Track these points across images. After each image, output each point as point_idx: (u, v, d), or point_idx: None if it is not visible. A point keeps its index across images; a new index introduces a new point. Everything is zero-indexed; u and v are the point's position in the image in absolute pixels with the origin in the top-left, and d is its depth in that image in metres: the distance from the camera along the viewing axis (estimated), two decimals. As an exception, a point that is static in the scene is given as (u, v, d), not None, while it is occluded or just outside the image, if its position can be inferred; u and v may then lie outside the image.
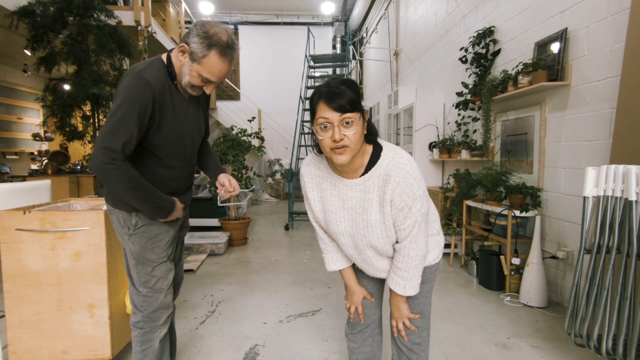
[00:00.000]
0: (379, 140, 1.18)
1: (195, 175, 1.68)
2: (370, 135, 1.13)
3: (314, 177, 1.24)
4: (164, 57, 1.38)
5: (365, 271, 1.34)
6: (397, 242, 1.21)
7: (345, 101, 1.02)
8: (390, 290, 1.29)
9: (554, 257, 2.67)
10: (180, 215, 1.48)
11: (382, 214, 1.14)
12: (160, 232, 1.46)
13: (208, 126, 1.71)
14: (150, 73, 1.30)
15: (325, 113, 1.04)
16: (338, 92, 1.03)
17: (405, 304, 1.30)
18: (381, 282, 1.45)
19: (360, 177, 1.15)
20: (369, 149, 1.16)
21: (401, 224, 1.14)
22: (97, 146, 1.22)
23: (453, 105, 4.15)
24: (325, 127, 1.05)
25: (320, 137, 1.07)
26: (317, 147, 1.17)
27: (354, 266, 1.41)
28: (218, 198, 1.59)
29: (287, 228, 5.49)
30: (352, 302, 1.40)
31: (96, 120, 4.23)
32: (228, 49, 1.28)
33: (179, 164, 1.48)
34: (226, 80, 9.50)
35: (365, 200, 1.15)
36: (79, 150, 7.39)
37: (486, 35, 3.50)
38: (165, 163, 1.43)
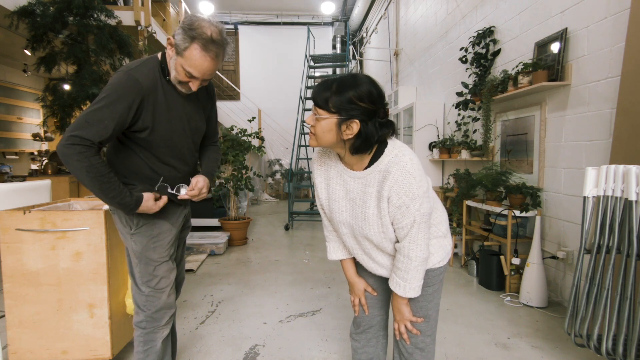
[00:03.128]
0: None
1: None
2: (352, 148, 1.12)
3: (322, 165, 1.29)
4: (160, 54, 1.37)
5: (366, 265, 1.34)
6: (397, 241, 1.21)
7: (319, 97, 1.09)
8: (393, 292, 1.29)
9: (554, 257, 2.67)
10: (154, 209, 1.38)
11: (378, 209, 1.16)
12: (162, 231, 1.45)
13: (214, 126, 1.64)
14: (142, 71, 1.28)
15: None
16: (324, 86, 1.10)
17: (407, 307, 1.29)
18: (387, 281, 1.45)
19: (363, 170, 1.18)
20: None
21: (399, 222, 1.14)
22: (67, 131, 1.21)
23: (453, 105, 4.15)
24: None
25: None
26: None
27: (357, 264, 1.41)
28: (174, 190, 1.46)
29: (287, 228, 5.49)
30: (354, 293, 1.41)
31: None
32: (212, 44, 1.23)
33: (177, 162, 1.45)
34: (226, 80, 9.50)
35: (365, 193, 1.17)
36: (79, 150, 7.38)
37: (486, 35, 3.50)
38: (164, 161, 1.41)
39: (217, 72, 9.46)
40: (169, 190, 1.44)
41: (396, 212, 1.13)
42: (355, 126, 1.07)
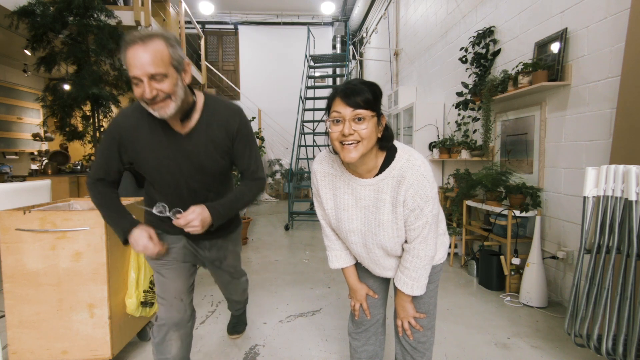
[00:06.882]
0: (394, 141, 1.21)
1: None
2: (384, 142, 1.15)
3: (327, 175, 1.26)
4: None
5: (372, 270, 1.35)
6: (406, 242, 1.22)
7: (360, 98, 1.06)
8: (397, 289, 1.30)
9: (554, 257, 2.66)
10: (138, 249, 1.36)
11: (394, 214, 1.16)
12: (167, 241, 1.50)
13: (247, 162, 1.46)
14: (126, 112, 1.37)
15: (339, 107, 1.07)
16: (355, 89, 1.07)
17: (411, 304, 1.31)
18: (386, 281, 1.46)
19: (374, 177, 1.17)
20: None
21: (412, 224, 1.16)
22: None
23: (453, 105, 4.15)
24: (338, 121, 1.08)
25: (330, 131, 1.10)
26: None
27: (356, 264, 1.42)
28: (168, 213, 1.36)
29: (287, 228, 5.49)
30: (355, 299, 1.42)
31: (96, 120, 4.23)
32: (134, 37, 1.15)
33: (176, 200, 1.41)
34: (226, 80, 9.50)
35: (379, 200, 1.17)
36: (79, 150, 7.38)
37: (486, 35, 3.50)
38: (163, 193, 1.46)
39: (217, 72, 9.51)
40: (167, 212, 1.35)
41: (410, 215, 1.15)
42: (383, 120, 1.13)
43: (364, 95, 1.06)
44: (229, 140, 1.40)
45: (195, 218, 1.28)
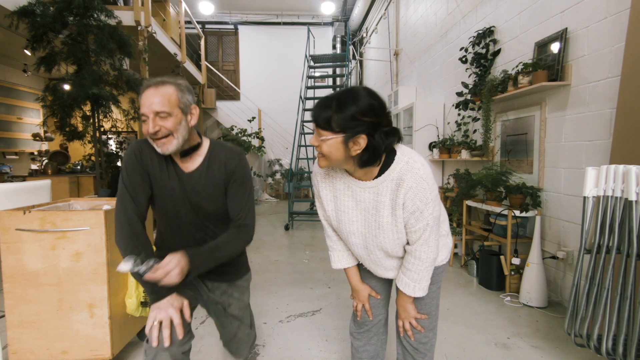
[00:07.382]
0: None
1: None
2: (362, 160, 1.08)
3: (327, 177, 1.26)
4: None
5: (373, 271, 1.35)
6: (408, 243, 1.22)
7: (320, 118, 1.06)
8: (398, 290, 1.30)
9: (554, 257, 2.67)
10: (160, 316, 1.25)
11: (394, 217, 1.16)
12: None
13: (237, 207, 1.42)
14: (140, 139, 1.39)
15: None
16: (321, 105, 1.07)
17: (412, 305, 1.32)
18: (388, 282, 1.46)
19: (373, 179, 1.16)
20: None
21: (412, 227, 1.16)
22: None
23: (453, 105, 4.15)
24: (313, 131, 1.12)
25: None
26: None
27: (359, 265, 1.42)
28: (141, 266, 1.15)
29: (287, 228, 5.49)
30: (358, 299, 1.42)
31: (96, 120, 4.23)
32: (150, 82, 1.30)
33: (176, 230, 1.41)
34: (226, 80, 9.51)
35: (378, 202, 1.17)
36: (79, 150, 7.38)
37: (486, 35, 3.50)
38: (163, 222, 1.45)
39: (217, 72, 9.51)
40: (141, 264, 1.13)
41: (410, 217, 1.14)
42: (362, 141, 1.05)
43: (325, 116, 1.04)
44: (226, 181, 1.43)
45: (174, 267, 1.16)
